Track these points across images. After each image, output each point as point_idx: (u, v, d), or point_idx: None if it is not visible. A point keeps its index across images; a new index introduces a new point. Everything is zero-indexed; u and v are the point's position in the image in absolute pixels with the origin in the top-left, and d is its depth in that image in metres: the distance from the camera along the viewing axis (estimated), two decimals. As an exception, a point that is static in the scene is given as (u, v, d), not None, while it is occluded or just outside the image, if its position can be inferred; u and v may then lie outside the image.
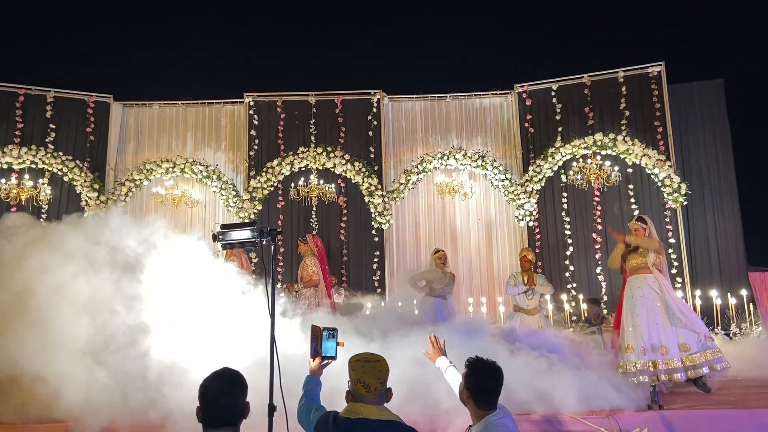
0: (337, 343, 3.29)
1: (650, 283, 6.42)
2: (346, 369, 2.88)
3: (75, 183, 11.62)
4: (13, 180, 11.18)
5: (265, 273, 3.21)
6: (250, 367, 3.58)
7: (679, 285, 10.79)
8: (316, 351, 3.28)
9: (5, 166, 11.39)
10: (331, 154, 12.05)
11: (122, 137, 12.53)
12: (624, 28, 15.60)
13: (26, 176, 11.28)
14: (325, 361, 3.30)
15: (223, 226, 3.37)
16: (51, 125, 11.81)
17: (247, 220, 11.18)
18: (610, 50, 14.41)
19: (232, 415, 2.48)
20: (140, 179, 11.99)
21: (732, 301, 9.90)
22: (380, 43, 16.95)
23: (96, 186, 11.62)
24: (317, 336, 3.28)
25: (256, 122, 12.41)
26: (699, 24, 15.20)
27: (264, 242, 3.30)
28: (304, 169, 12.12)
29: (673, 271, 10.87)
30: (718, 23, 15.06)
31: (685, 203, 11.17)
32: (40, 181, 11.41)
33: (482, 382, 3.09)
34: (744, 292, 9.88)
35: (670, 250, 10.99)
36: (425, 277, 9.09)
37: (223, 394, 2.46)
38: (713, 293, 9.84)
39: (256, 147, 12.33)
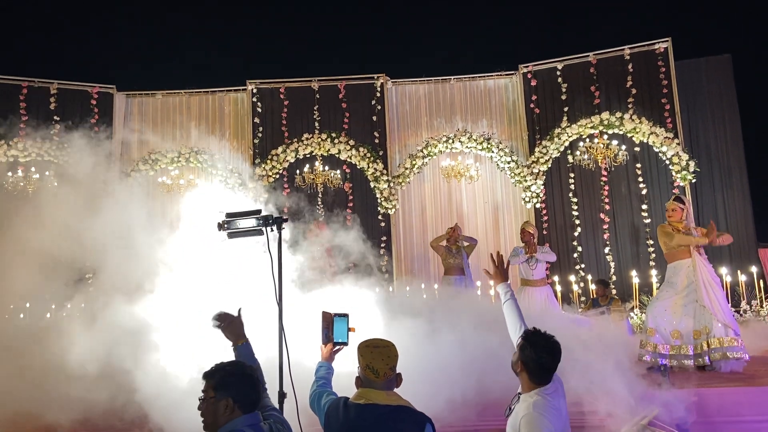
0: (349, 329, 3.28)
1: (689, 269, 6.38)
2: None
3: (79, 174, 11.61)
4: (20, 173, 11.20)
5: (272, 261, 3.19)
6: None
7: (688, 263, 10.73)
8: (327, 337, 3.28)
9: (11, 159, 11.41)
10: (336, 140, 12.01)
11: (127, 127, 12.53)
12: (629, 4, 15.37)
13: (32, 169, 11.29)
14: (337, 347, 3.30)
15: (228, 215, 3.35)
16: (55, 117, 11.82)
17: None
18: (616, 27, 14.21)
19: (258, 400, 2.54)
20: (146, 169, 12.01)
21: (742, 278, 9.83)
22: (382, 26, 16.82)
23: (102, 177, 11.62)
24: (329, 322, 3.28)
25: (259, 110, 12.36)
26: (706, -2, 14.97)
27: (270, 230, 3.29)
28: (308, 155, 12.09)
29: (682, 249, 10.80)
30: (725, -3, 14.82)
31: (693, 181, 11.08)
32: (47, 173, 11.42)
33: (539, 357, 2.98)
34: (754, 269, 9.81)
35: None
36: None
37: (255, 373, 2.54)
38: (723, 271, 9.76)
39: (260, 135, 12.30)
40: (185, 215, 5.21)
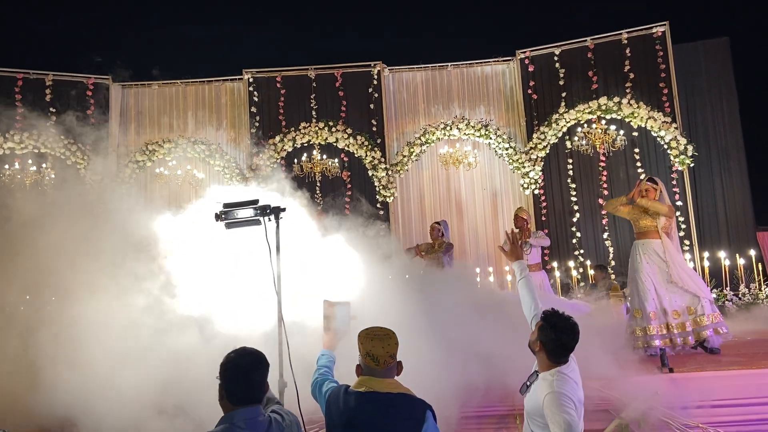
0: (350, 317, 3.28)
1: (656, 248, 6.43)
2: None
3: (78, 166, 11.60)
4: (17, 165, 11.16)
5: (270, 251, 3.19)
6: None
7: (687, 247, 10.76)
8: (329, 325, 3.28)
9: (7, 152, 11.37)
10: (333, 129, 11.97)
11: (123, 118, 12.48)
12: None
13: (29, 161, 11.25)
14: (339, 335, 3.30)
15: (226, 205, 3.34)
16: (51, 109, 11.76)
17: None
18: (613, 11, 14.10)
19: (260, 391, 2.51)
20: (143, 160, 11.98)
21: (741, 261, 9.86)
22: (378, 13, 16.67)
23: (100, 169, 11.59)
24: (330, 310, 3.28)
25: (256, 99, 12.31)
26: (703, -20, 14.83)
27: (268, 220, 3.28)
28: (306, 144, 12.05)
29: (681, 233, 10.82)
30: (722, -21, 14.71)
31: (691, 165, 11.07)
32: (44, 165, 11.39)
33: (558, 338, 3.04)
34: (752, 253, 9.83)
35: (678, 213, 10.93)
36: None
37: (252, 369, 2.48)
38: (722, 254, 9.80)
39: (257, 124, 12.25)
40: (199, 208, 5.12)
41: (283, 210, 3.34)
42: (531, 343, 3.21)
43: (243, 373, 2.47)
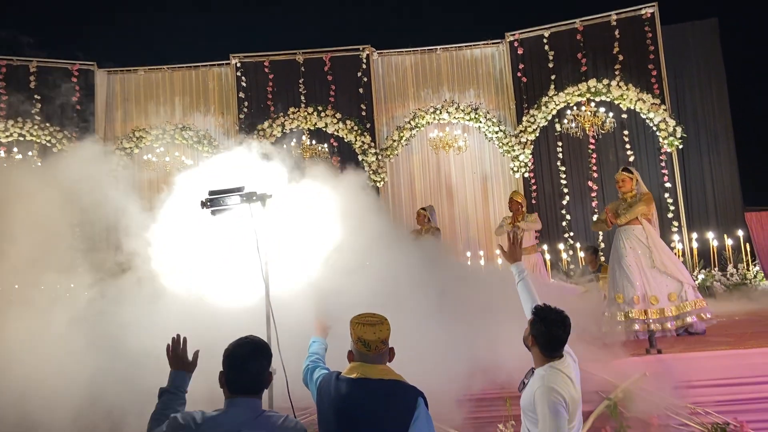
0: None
1: (638, 234, 6.48)
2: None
3: (65, 153, 11.46)
4: (2, 153, 11.02)
5: (256, 239, 3.16)
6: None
7: (675, 228, 10.83)
8: (320, 313, 3.26)
9: (-7, 140, 11.23)
10: (322, 114, 11.88)
11: (109, 105, 12.33)
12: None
13: (15, 149, 11.11)
14: (330, 323, 3.29)
15: (211, 192, 3.30)
16: (36, 96, 11.59)
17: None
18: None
19: (256, 382, 2.47)
20: (130, 147, 11.85)
21: (729, 242, 9.94)
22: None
23: (87, 156, 11.46)
24: (322, 298, 3.26)
25: (244, 84, 12.18)
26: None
27: (254, 207, 3.25)
28: (295, 129, 11.96)
29: (670, 215, 10.89)
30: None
31: (680, 146, 11.09)
32: (30, 153, 11.25)
33: (550, 331, 3.05)
34: (740, 233, 9.91)
35: (666, 194, 10.98)
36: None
37: (249, 359, 2.45)
38: (710, 235, 9.87)
39: (245, 110, 12.14)
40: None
41: (270, 197, 3.31)
42: (525, 339, 3.21)
43: (240, 362, 2.45)
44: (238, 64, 12.25)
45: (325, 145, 11.78)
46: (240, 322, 3.63)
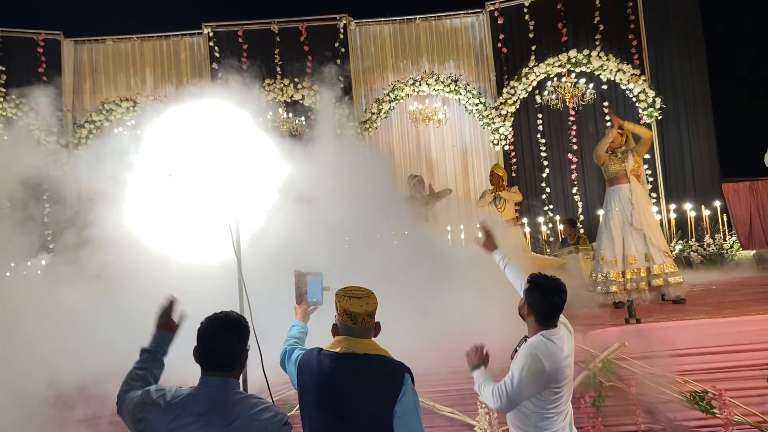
0: (323, 288, 3.16)
1: (626, 194, 6.48)
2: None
3: (32, 127, 11.08)
4: (-34, 127, 10.64)
5: (228, 214, 3.01)
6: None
7: (654, 199, 10.86)
8: (301, 296, 3.15)
9: (-44, 113, 10.81)
10: (299, 86, 11.62)
11: (77, 77, 11.91)
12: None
13: (-21, 123, 10.73)
14: (312, 307, 3.18)
15: (179, 166, 3.14)
16: (0, 67, 11.15)
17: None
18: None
19: (225, 359, 2.36)
20: (100, 120, 11.49)
21: (706, 213, 10.02)
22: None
23: (54, 129, 11.11)
24: (302, 281, 3.14)
25: (217, 54, 11.84)
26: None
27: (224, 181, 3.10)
28: (271, 102, 11.69)
29: (648, 186, 10.90)
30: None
31: (659, 118, 11.08)
32: (-5, 126, 10.87)
33: (546, 298, 3.01)
34: (717, 204, 9.98)
35: (645, 166, 10.97)
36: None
37: (216, 336, 2.35)
38: (687, 206, 9.93)
39: (219, 81, 11.80)
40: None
41: (241, 170, 3.16)
42: (520, 309, 3.18)
43: (206, 338, 2.36)
44: (211, 34, 11.90)
45: (303, 119, 11.54)
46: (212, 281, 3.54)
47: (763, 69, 11.94)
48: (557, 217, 11.24)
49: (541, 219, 11.21)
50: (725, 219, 9.99)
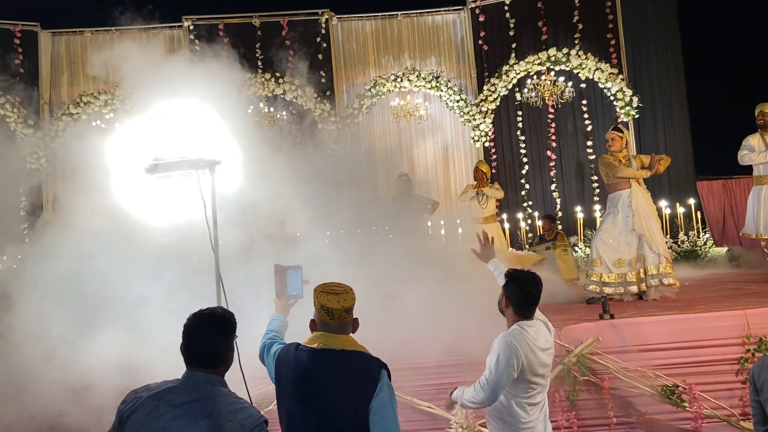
0: (303, 281, 3.17)
1: (625, 199, 6.58)
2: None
3: (8, 120, 10.92)
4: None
5: (205, 206, 3.02)
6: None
7: (630, 197, 11.02)
8: (281, 290, 3.17)
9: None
10: (280, 80, 11.57)
11: (54, 69, 11.72)
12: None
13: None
14: (291, 300, 3.20)
15: (156, 158, 3.14)
16: (-25, 59, 10.96)
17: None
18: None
19: (208, 356, 2.37)
20: (77, 113, 11.33)
21: (681, 210, 10.19)
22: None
23: (31, 122, 10.95)
24: (282, 275, 3.16)
25: (197, 48, 11.73)
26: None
27: (202, 173, 3.11)
28: (252, 96, 11.63)
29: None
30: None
31: (636, 116, 11.25)
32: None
33: (524, 290, 3.21)
34: (692, 201, 10.17)
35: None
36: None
37: (198, 333, 2.36)
38: (663, 203, 10.09)
39: (199, 76, 11.71)
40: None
41: (218, 163, 3.17)
42: (499, 303, 3.36)
43: (188, 335, 2.38)
44: (191, 27, 11.79)
45: (284, 113, 11.50)
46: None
47: (739, 68, 12.16)
48: (536, 214, 11.36)
49: (520, 215, 11.32)
50: (699, 216, 10.18)
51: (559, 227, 10.91)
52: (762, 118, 7.12)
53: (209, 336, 2.37)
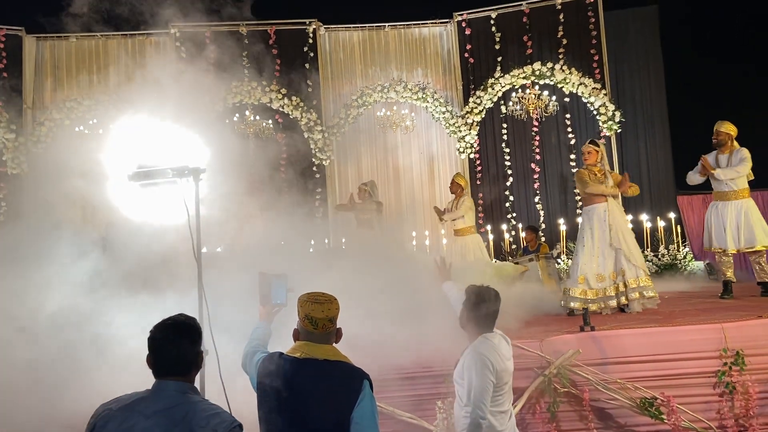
0: (287, 290, 3.17)
1: (601, 213, 6.64)
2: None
3: (-10, 124, 10.80)
4: None
5: (188, 216, 3.02)
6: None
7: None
8: (265, 298, 3.16)
9: None
10: (267, 89, 11.58)
11: (38, 73, 11.63)
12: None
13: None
14: (275, 309, 3.19)
15: (140, 166, 3.14)
16: (-42, 63, 10.85)
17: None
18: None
19: (179, 364, 2.35)
20: (61, 118, 11.23)
21: (661, 224, 10.33)
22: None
23: (13, 127, 10.83)
24: (266, 283, 3.15)
25: (183, 55, 11.70)
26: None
27: (186, 182, 3.10)
28: (238, 104, 11.62)
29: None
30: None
31: (619, 131, 11.41)
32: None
33: (483, 306, 3.34)
34: (672, 215, 10.31)
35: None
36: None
37: (167, 342, 2.33)
38: (644, 217, 10.22)
39: (185, 82, 11.67)
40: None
41: (203, 171, 3.17)
42: (460, 320, 3.47)
43: (157, 346, 2.35)
44: (178, 34, 11.77)
45: (270, 122, 11.50)
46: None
47: (719, 84, 12.38)
48: (519, 225, 11.46)
49: (504, 226, 11.40)
50: (679, 230, 10.32)
51: (542, 239, 11.02)
52: (716, 137, 7.21)
53: (177, 345, 2.35)
